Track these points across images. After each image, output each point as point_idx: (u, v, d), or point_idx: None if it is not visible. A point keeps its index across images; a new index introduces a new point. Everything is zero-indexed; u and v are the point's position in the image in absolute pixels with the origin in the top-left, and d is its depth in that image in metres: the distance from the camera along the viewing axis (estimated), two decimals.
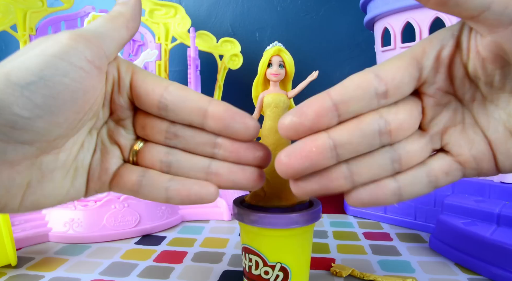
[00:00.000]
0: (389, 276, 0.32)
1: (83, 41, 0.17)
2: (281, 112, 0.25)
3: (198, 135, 0.20)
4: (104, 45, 0.18)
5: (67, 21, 0.49)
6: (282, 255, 0.25)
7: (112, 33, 0.19)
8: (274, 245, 0.25)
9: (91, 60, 0.17)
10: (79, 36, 0.17)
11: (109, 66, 0.19)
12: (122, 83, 0.20)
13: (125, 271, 0.33)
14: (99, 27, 0.19)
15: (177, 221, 0.47)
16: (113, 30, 0.19)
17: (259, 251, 0.25)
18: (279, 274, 0.25)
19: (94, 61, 0.17)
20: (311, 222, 0.25)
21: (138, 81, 0.20)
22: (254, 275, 0.26)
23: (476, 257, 0.33)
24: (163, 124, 0.20)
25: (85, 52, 0.17)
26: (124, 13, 0.20)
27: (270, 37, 0.70)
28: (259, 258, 0.25)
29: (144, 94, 0.20)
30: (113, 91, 0.20)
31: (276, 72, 0.25)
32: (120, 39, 0.19)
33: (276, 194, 0.25)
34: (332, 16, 0.70)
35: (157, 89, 0.19)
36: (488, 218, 0.35)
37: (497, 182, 0.39)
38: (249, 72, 0.64)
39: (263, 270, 0.25)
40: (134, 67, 0.20)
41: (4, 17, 0.43)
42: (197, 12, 0.70)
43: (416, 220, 0.45)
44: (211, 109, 0.20)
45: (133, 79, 0.20)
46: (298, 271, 0.26)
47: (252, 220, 0.25)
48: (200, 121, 0.20)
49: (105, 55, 0.18)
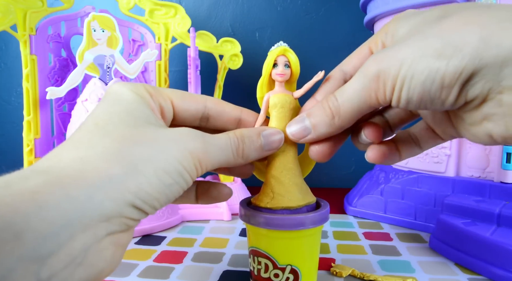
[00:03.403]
0: (389, 276, 0.32)
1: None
2: (287, 113, 0.25)
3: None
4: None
5: (67, 21, 0.49)
6: (293, 257, 0.25)
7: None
8: (285, 247, 0.25)
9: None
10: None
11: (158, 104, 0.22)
12: (167, 113, 0.22)
13: (125, 271, 0.33)
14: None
15: (177, 221, 0.47)
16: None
17: (269, 253, 0.25)
18: (289, 277, 0.25)
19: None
20: (321, 223, 0.25)
21: (179, 104, 0.23)
22: (263, 278, 0.25)
23: (476, 257, 0.33)
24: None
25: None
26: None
27: (270, 37, 0.70)
28: (269, 261, 0.25)
29: (185, 111, 0.23)
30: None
31: (282, 72, 0.24)
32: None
33: (284, 195, 0.24)
34: (332, 16, 0.70)
35: (199, 105, 0.23)
36: (488, 218, 0.35)
37: (497, 182, 0.39)
38: (249, 72, 0.64)
39: (273, 273, 0.25)
40: (170, 93, 0.22)
41: (4, 17, 0.43)
42: (197, 12, 0.70)
43: (416, 220, 0.45)
44: (243, 117, 0.25)
45: (174, 104, 0.23)
46: (307, 272, 0.26)
47: (262, 222, 0.24)
48: (234, 128, 0.24)
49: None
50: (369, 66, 0.19)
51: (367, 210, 0.49)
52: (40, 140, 0.47)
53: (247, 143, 0.22)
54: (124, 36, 0.51)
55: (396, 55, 0.18)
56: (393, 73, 0.18)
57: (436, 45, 0.17)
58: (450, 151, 0.43)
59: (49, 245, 0.14)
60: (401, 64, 0.18)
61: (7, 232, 0.13)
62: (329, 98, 0.21)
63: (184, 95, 0.23)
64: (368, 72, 0.19)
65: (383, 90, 0.19)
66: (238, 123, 0.25)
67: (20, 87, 0.50)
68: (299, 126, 0.23)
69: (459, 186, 0.42)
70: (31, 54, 0.45)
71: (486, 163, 0.40)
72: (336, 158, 0.72)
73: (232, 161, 0.21)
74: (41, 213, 0.14)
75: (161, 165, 0.18)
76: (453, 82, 0.17)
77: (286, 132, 0.24)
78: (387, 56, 0.19)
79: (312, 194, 0.26)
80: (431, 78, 0.17)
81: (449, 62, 0.17)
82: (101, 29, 0.45)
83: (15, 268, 0.13)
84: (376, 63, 0.19)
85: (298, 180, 0.25)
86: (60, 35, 0.50)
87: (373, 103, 0.20)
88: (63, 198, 0.15)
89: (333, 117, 0.21)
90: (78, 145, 0.18)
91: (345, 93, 0.21)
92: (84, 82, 0.46)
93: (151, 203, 0.18)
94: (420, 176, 0.45)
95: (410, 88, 0.18)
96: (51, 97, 0.44)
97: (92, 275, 0.16)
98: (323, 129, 0.22)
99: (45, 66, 0.47)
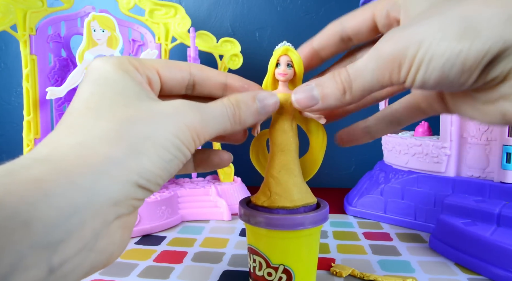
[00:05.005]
0: (389, 276, 0.32)
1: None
2: (288, 113, 0.25)
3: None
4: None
5: (67, 21, 0.49)
6: (285, 257, 0.25)
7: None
8: (277, 247, 0.25)
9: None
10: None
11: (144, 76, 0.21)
12: (155, 84, 0.22)
13: (125, 271, 0.33)
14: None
15: (177, 221, 0.47)
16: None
17: (263, 252, 0.25)
18: (282, 276, 0.25)
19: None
20: (314, 224, 0.25)
21: (165, 74, 0.22)
22: (258, 276, 0.26)
23: (476, 257, 0.33)
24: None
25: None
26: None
27: (270, 37, 0.70)
28: (263, 259, 0.25)
29: (172, 79, 0.22)
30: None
31: (283, 72, 0.24)
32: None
33: (281, 195, 0.24)
34: (332, 16, 0.69)
35: (184, 73, 0.23)
36: (488, 218, 0.35)
37: (497, 182, 0.39)
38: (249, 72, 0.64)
39: (266, 272, 0.25)
40: (154, 63, 0.22)
41: (4, 17, 0.43)
42: (197, 12, 0.70)
43: (416, 220, 0.45)
44: (229, 82, 0.24)
45: (160, 73, 0.22)
46: (302, 274, 0.25)
47: (255, 221, 0.24)
48: (221, 94, 0.24)
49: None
50: (385, 45, 0.19)
51: (367, 210, 0.49)
52: (40, 140, 0.47)
53: (243, 108, 0.21)
54: (124, 36, 0.51)
55: (414, 35, 0.18)
56: (410, 54, 0.18)
57: (458, 26, 0.17)
58: (450, 151, 0.43)
59: (59, 233, 0.14)
60: (419, 46, 0.17)
61: (15, 220, 0.13)
62: (341, 72, 0.21)
63: (168, 63, 0.23)
64: (383, 52, 0.19)
65: (397, 71, 0.19)
66: (224, 89, 0.24)
67: (20, 87, 0.50)
68: (306, 94, 0.22)
69: (459, 186, 0.42)
70: (31, 54, 0.45)
71: (486, 163, 0.40)
72: (336, 158, 0.72)
73: (229, 128, 0.21)
74: (48, 201, 0.14)
75: (160, 142, 0.17)
76: (475, 65, 0.17)
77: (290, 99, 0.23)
78: (403, 35, 0.18)
79: (312, 195, 0.26)
80: (452, 61, 0.17)
81: (471, 44, 0.16)
82: (101, 29, 0.45)
83: (26, 255, 0.13)
84: (392, 42, 0.19)
85: (297, 180, 0.25)
86: (60, 35, 0.50)
87: (386, 82, 0.19)
88: (68, 186, 0.15)
89: (344, 92, 0.21)
90: (73, 130, 0.17)
91: (358, 70, 0.20)
92: None
93: (155, 180, 0.18)
94: (420, 176, 0.45)
95: (428, 71, 0.18)
96: (51, 97, 0.44)
97: (103, 259, 0.17)
98: (332, 101, 0.21)
99: (45, 66, 0.47)
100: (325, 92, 0.21)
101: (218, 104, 0.21)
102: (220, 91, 0.24)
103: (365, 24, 0.24)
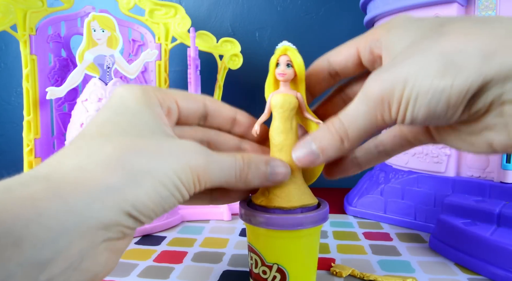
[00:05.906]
0: (389, 276, 0.32)
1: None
2: (287, 113, 0.25)
3: (227, 138, 0.26)
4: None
5: (67, 21, 0.49)
6: (279, 256, 0.25)
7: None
8: (271, 246, 0.25)
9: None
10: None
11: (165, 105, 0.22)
12: (173, 113, 0.23)
13: (125, 271, 0.33)
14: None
15: (177, 221, 0.47)
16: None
17: (258, 250, 0.25)
18: (276, 275, 0.25)
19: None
20: (312, 225, 0.24)
21: (183, 104, 0.23)
22: (254, 274, 0.26)
23: (476, 257, 0.33)
24: (198, 132, 0.25)
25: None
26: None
27: (270, 37, 0.70)
28: (258, 257, 0.25)
29: (188, 109, 0.24)
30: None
31: (282, 72, 0.24)
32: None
33: (279, 195, 0.24)
34: (332, 16, 0.70)
35: (199, 104, 0.24)
36: (488, 218, 0.35)
37: (497, 182, 0.39)
38: (249, 72, 0.64)
39: (261, 269, 0.25)
40: (174, 94, 0.23)
41: (4, 17, 0.43)
42: (197, 12, 0.70)
43: (416, 220, 0.45)
44: (238, 117, 0.26)
45: (178, 104, 0.23)
46: (298, 274, 0.25)
47: (251, 220, 0.25)
48: (229, 127, 0.26)
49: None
50: (372, 87, 0.19)
51: (367, 210, 0.49)
52: (40, 140, 0.47)
53: (252, 168, 0.22)
54: (124, 36, 0.51)
55: (399, 75, 0.18)
56: (397, 94, 0.18)
57: (438, 64, 0.17)
58: (450, 151, 0.43)
59: (48, 252, 0.14)
60: (404, 85, 0.18)
61: (7, 238, 0.13)
62: (334, 122, 0.21)
63: (186, 95, 0.24)
64: (371, 94, 0.19)
65: (388, 111, 0.19)
66: (233, 123, 0.26)
67: (20, 87, 0.50)
68: (305, 150, 0.22)
69: (459, 186, 0.42)
70: (31, 54, 0.45)
71: (486, 163, 0.40)
72: None
73: (233, 182, 0.21)
74: (40, 220, 0.14)
75: (159, 177, 0.18)
76: (460, 101, 0.17)
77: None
78: (389, 76, 0.19)
79: (312, 197, 0.26)
80: (436, 98, 0.17)
81: (453, 82, 0.17)
82: (101, 29, 0.45)
83: (15, 274, 0.14)
84: (378, 84, 0.19)
85: (296, 181, 0.25)
86: (60, 35, 0.50)
87: (379, 124, 0.20)
88: (61, 206, 0.15)
89: (342, 142, 0.21)
90: (79, 152, 0.18)
91: (350, 116, 0.20)
92: (84, 82, 0.46)
93: (147, 213, 0.18)
94: (420, 176, 0.45)
95: (415, 108, 0.18)
96: (51, 97, 0.44)
97: (87, 278, 0.17)
98: (332, 153, 0.22)
99: (45, 66, 0.47)
100: (323, 145, 0.22)
101: (229, 156, 0.21)
102: (228, 125, 0.26)
103: (350, 59, 0.24)
